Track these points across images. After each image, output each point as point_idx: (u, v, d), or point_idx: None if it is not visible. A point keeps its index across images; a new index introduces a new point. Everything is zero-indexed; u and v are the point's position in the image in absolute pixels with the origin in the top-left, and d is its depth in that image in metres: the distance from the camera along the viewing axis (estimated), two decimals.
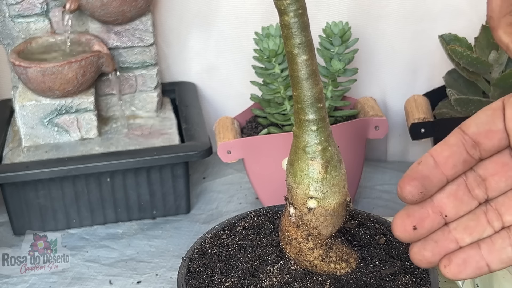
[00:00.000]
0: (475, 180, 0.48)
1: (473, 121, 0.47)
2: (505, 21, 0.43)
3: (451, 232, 0.48)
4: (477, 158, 0.47)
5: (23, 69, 0.77)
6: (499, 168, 0.47)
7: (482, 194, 0.48)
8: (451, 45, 0.75)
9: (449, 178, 0.47)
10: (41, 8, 0.81)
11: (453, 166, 0.47)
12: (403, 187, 0.47)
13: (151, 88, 0.88)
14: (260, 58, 0.76)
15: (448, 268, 0.47)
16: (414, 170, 0.47)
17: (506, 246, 0.47)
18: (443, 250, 0.48)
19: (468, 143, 0.47)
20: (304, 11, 0.44)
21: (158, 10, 0.90)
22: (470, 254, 0.47)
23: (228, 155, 0.75)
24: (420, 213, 0.48)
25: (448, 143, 0.47)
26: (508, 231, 0.47)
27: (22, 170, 0.76)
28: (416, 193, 0.47)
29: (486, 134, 0.46)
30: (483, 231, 0.48)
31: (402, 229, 0.48)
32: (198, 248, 0.55)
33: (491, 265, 0.47)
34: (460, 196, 0.48)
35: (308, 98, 0.46)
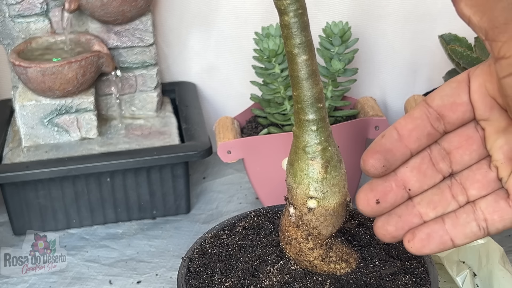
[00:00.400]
0: (440, 153, 0.47)
1: (438, 93, 0.47)
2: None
3: (415, 206, 0.48)
4: (441, 131, 0.47)
5: (23, 69, 0.77)
6: (463, 141, 0.47)
7: (447, 168, 0.47)
8: (451, 45, 0.75)
9: (413, 152, 0.47)
10: (41, 8, 0.81)
11: (416, 139, 0.47)
12: (366, 160, 0.46)
13: (151, 88, 0.88)
14: (260, 58, 0.76)
15: (412, 242, 0.47)
16: (377, 143, 0.47)
17: (471, 221, 0.46)
18: (406, 225, 0.47)
19: (432, 116, 0.46)
20: (304, 11, 0.44)
21: (158, 10, 0.90)
22: (434, 229, 0.47)
23: (228, 155, 0.75)
24: (383, 186, 0.47)
25: (412, 116, 0.47)
26: (473, 205, 0.47)
27: (22, 170, 0.76)
28: (378, 166, 0.46)
29: (450, 106, 0.46)
30: (447, 205, 0.47)
31: (365, 203, 0.47)
32: (198, 248, 0.55)
33: (455, 240, 0.47)
34: (423, 169, 0.47)
35: (308, 98, 0.46)
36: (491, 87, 0.45)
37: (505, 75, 0.41)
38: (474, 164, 0.47)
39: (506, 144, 0.45)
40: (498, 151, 0.46)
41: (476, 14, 0.42)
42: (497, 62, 0.42)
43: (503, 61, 0.41)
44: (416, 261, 0.53)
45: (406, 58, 0.88)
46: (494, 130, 0.46)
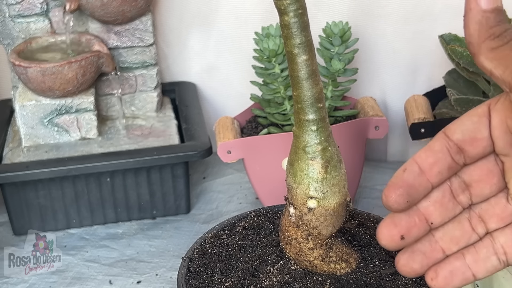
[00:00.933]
0: (460, 186, 0.47)
1: (458, 127, 0.46)
2: (485, 46, 0.42)
3: (437, 242, 0.48)
4: (461, 164, 0.47)
5: (23, 69, 0.77)
6: (484, 175, 0.47)
7: (466, 200, 0.47)
8: (451, 45, 0.75)
9: (434, 185, 0.47)
10: (41, 8, 0.81)
11: (438, 173, 0.47)
12: (388, 195, 0.46)
13: (151, 88, 0.88)
14: (260, 58, 0.76)
15: (435, 280, 0.47)
16: (399, 178, 0.47)
17: (490, 256, 0.47)
18: (431, 262, 0.47)
19: (453, 149, 0.46)
20: (304, 11, 0.44)
21: (158, 10, 0.90)
22: (456, 266, 0.47)
23: (228, 155, 0.75)
24: (407, 222, 0.47)
25: (432, 149, 0.47)
26: (491, 239, 0.47)
27: (22, 170, 0.76)
28: (402, 202, 0.46)
29: (471, 141, 0.46)
30: (468, 239, 0.47)
31: (390, 238, 0.47)
32: (198, 248, 0.55)
33: (477, 275, 0.47)
34: (445, 203, 0.47)
35: (308, 98, 0.46)
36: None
37: None
38: (493, 197, 0.47)
39: None
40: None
41: (498, 68, 0.42)
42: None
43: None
44: None
45: (406, 58, 0.88)
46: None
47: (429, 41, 0.85)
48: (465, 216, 0.48)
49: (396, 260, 0.48)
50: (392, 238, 0.47)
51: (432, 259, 0.47)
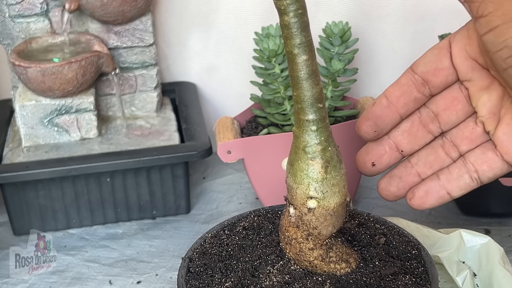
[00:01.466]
0: (428, 115, 0.51)
1: (422, 60, 0.51)
2: None
3: (413, 167, 0.52)
4: (427, 95, 0.51)
5: (23, 69, 0.77)
6: (449, 102, 0.51)
7: (436, 129, 0.51)
8: None
9: (402, 116, 0.51)
10: (41, 8, 0.81)
11: (404, 104, 0.51)
12: (360, 127, 0.53)
13: (151, 88, 0.88)
14: (260, 58, 0.76)
15: (413, 200, 0.52)
16: (368, 111, 0.52)
17: (463, 174, 0.51)
18: (407, 185, 0.52)
19: (417, 81, 0.50)
20: (304, 11, 0.44)
21: (158, 10, 0.90)
22: (430, 186, 0.51)
23: (228, 155, 0.75)
24: (378, 150, 0.53)
25: (399, 83, 0.51)
26: (464, 159, 0.51)
27: (22, 170, 0.76)
28: (370, 131, 0.52)
29: (433, 71, 0.50)
30: (442, 163, 0.52)
31: (363, 165, 0.54)
32: (198, 248, 0.55)
33: (451, 193, 0.51)
34: (414, 132, 0.52)
35: (308, 98, 0.46)
36: (471, 49, 0.48)
37: (484, 32, 0.44)
38: (462, 123, 0.51)
39: (489, 101, 0.49)
40: (482, 108, 0.50)
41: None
42: (477, 21, 0.45)
43: (481, 19, 0.44)
44: (416, 261, 0.53)
45: (406, 58, 0.88)
46: (477, 89, 0.49)
47: (429, 41, 0.84)
48: (439, 143, 0.52)
49: (377, 186, 0.54)
50: (365, 165, 0.54)
51: (408, 183, 0.52)
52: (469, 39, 0.48)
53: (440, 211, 0.81)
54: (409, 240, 0.55)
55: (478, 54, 0.48)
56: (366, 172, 0.53)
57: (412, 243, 0.55)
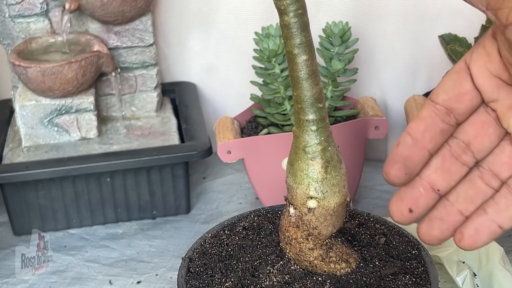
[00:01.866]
0: (459, 146, 0.47)
1: (440, 88, 0.47)
2: None
3: (453, 205, 0.47)
4: (454, 125, 0.47)
5: (23, 69, 0.77)
6: (478, 128, 0.47)
7: (470, 159, 0.47)
8: (451, 45, 0.75)
9: (431, 152, 0.47)
10: (41, 8, 0.81)
11: (431, 139, 0.47)
12: (388, 172, 0.47)
13: (151, 88, 0.88)
14: (260, 58, 0.76)
15: (463, 241, 0.46)
16: (394, 153, 0.48)
17: (511, 203, 0.46)
18: (450, 225, 0.47)
19: (441, 112, 0.47)
20: (304, 11, 0.44)
21: (158, 10, 0.90)
22: (479, 222, 0.46)
23: (228, 155, 0.75)
24: (412, 194, 0.48)
25: (421, 117, 0.47)
26: (508, 187, 0.46)
27: (22, 170, 0.76)
28: (401, 175, 0.47)
29: (456, 98, 0.46)
30: (484, 195, 0.47)
31: (399, 214, 0.47)
32: (198, 248, 0.55)
33: (503, 225, 0.46)
34: (447, 167, 0.47)
35: (308, 98, 0.46)
36: (492, 67, 0.45)
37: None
38: (496, 147, 0.47)
39: None
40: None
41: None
42: (507, 29, 0.42)
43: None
44: (416, 261, 0.53)
45: (406, 58, 0.88)
46: (505, 108, 0.46)
47: (429, 41, 0.85)
48: (476, 174, 0.47)
49: (417, 231, 0.48)
50: (401, 213, 0.47)
51: (451, 223, 0.47)
52: (488, 56, 0.45)
53: None
54: (409, 240, 0.55)
55: (502, 70, 0.45)
56: (404, 221, 0.48)
57: (412, 243, 0.55)
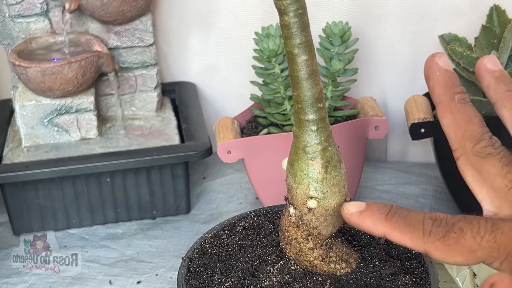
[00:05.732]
0: None
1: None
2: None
3: None
4: None
5: (23, 69, 0.77)
6: None
7: None
8: (451, 45, 0.75)
9: None
10: (41, 8, 0.81)
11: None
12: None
13: (151, 88, 0.88)
14: (260, 58, 0.76)
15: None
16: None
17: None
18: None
19: None
20: (304, 11, 0.44)
21: (158, 10, 0.90)
22: None
23: (228, 155, 0.75)
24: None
25: None
26: None
27: (22, 170, 0.76)
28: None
29: None
30: None
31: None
32: (198, 248, 0.55)
33: None
34: None
35: (308, 98, 0.46)
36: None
37: None
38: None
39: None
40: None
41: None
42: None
43: None
44: (416, 261, 0.53)
45: (406, 58, 0.88)
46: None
47: (429, 41, 0.85)
48: None
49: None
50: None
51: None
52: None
53: (440, 211, 0.80)
54: None
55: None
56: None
57: None
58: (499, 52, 0.74)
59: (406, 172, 0.90)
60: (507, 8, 0.79)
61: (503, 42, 0.74)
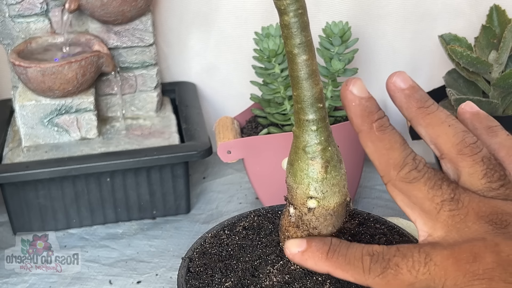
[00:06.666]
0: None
1: None
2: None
3: None
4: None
5: (23, 69, 0.77)
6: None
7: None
8: (451, 45, 0.75)
9: None
10: (41, 8, 0.81)
11: None
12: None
13: (151, 88, 0.88)
14: (260, 58, 0.76)
15: None
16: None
17: None
18: None
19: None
20: (304, 11, 0.44)
21: (158, 10, 0.90)
22: None
23: (228, 155, 0.75)
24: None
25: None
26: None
27: (22, 170, 0.76)
28: None
29: None
30: None
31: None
32: (198, 248, 0.55)
33: None
34: None
35: (308, 98, 0.46)
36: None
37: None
38: None
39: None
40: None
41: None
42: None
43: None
44: None
45: (406, 58, 0.88)
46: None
47: (429, 41, 0.85)
48: None
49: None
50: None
51: None
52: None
53: None
54: (409, 240, 0.55)
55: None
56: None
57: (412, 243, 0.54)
58: (499, 52, 0.74)
59: None
60: (507, 8, 0.79)
61: (503, 42, 0.74)
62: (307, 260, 0.44)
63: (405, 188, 0.43)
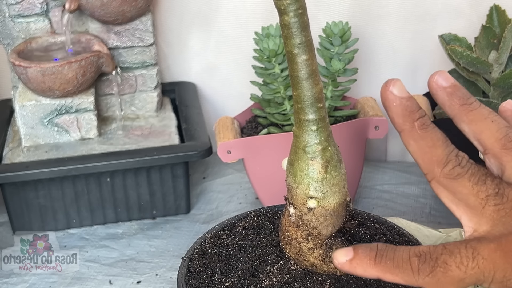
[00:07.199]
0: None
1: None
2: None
3: None
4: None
5: (23, 69, 0.77)
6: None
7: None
8: (451, 45, 0.75)
9: None
10: (41, 8, 0.81)
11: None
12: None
13: (151, 88, 0.88)
14: (260, 58, 0.76)
15: None
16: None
17: None
18: None
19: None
20: (304, 11, 0.44)
21: (158, 10, 0.90)
22: None
23: (228, 155, 0.75)
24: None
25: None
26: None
27: (22, 170, 0.76)
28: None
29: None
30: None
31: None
32: (198, 248, 0.55)
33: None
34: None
35: (308, 98, 0.46)
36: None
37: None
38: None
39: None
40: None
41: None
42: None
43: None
44: None
45: (406, 58, 0.88)
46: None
47: (429, 41, 0.85)
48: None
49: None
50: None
51: None
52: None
53: (440, 211, 0.81)
54: (409, 240, 0.55)
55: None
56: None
57: (412, 243, 0.55)
58: (499, 52, 0.74)
59: (406, 172, 0.90)
60: (507, 8, 0.79)
61: (503, 42, 0.74)
62: (356, 267, 0.44)
63: (450, 185, 0.43)
